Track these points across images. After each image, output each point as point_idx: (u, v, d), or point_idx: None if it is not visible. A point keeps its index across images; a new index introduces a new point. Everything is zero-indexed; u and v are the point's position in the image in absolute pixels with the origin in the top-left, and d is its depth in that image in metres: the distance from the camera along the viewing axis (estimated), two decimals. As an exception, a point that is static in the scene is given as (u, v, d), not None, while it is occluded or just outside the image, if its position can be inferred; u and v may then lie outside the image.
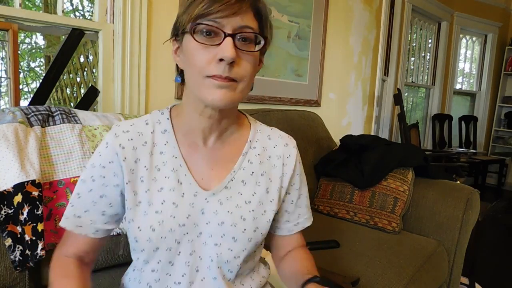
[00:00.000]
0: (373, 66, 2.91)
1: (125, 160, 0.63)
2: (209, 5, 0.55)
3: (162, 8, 1.55)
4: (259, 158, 0.71)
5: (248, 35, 0.58)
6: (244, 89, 0.61)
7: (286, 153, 0.73)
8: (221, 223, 0.65)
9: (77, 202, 0.66)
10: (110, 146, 0.64)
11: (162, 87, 1.60)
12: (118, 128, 0.66)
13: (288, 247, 0.78)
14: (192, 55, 0.58)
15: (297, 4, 2.16)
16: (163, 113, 0.70)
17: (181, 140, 0.67)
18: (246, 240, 0.66)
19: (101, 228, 0.67)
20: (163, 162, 0.66)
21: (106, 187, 0.65)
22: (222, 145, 0.69)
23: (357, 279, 1.09)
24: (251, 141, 0.72)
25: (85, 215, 0.66)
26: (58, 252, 0.68)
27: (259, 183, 0.70)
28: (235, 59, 0.56)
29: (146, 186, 0.64)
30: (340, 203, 1.62)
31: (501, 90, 4.80)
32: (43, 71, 3.63)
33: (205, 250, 0.65)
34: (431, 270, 1.31)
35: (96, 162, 0.65)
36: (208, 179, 0.67)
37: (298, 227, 0.77)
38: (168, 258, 0.64)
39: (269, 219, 0.69)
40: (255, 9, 0.60)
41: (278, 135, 0.75)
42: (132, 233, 0.64)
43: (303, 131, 1.79)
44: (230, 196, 0.67)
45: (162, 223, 0.62)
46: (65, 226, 0.66)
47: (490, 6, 4.51)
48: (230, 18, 0.56)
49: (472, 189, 1.52)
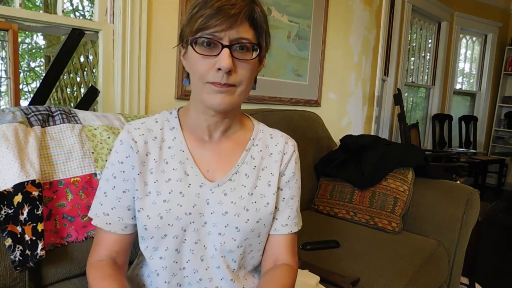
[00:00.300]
0: (373, 66, 2.91)
1: (138, 153, 0.69)
2: (207, 20, 0.60)
3: (162, 8, 1.55)
4: (261, 154, 0.76)
5: (244, 44, 0.63)
6: (243, 92, 0.66)
7: (285, 149, 0.77)
8: (225, 213, 0.69)
9: (105, 200, 0.71)
10: (124, 142, 0.70)
11: (162, 87, 1.60)
12: (130, 126, 0.72)
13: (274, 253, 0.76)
14: (194, 64, 0.64)
15: (297, 4, 2.16)
16: (171, 112, 0.76)
17: (188, 136, 0.73)
18: (248, 230, 0.70)
19: (129, 223, 0.71)
20: (171, 155, 0.71)
21: (127, 181, 0.70)
22: (226, 140, 0.74)
23: (357, 279, 1.09)
24: (254, 139, 0.77)
25: (113, 212, 0.70)
26: (91, 259, 0.71)
27: (260, 177, 0.74)
28: (231, 68, 0.61)
29: (155, 177, 0.69)
30: (340, 203, 1.62)
31: (501, 90, 4.80)
32: (43, 71, 3.64)
33: (209, 239, 0.69)
34: (431, 270, 1.31)
35: (115, 160, 0.70)
36: (213, 171, 0.72)
37: (285, 229, 0.76)
38: (175, 246, 0.68)
39: (271, 211, 0.73)
40: (251, 20, 0.64)
41: (280, 135, 0.80)
42: (141, 221, 0.68)
43: (303, 131, 1.79)
44: (234, 188, 0.71)
45: (169, 211, 0.67)
46: (96, 224, 0.70)
47: (490, 6, 4.51)
48: (226, 31, 0.61)
49: (472, 189, 1.52)
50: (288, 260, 0.76)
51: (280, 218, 0.76)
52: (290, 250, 0.77)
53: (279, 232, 0.76)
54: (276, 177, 0.75)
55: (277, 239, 0.76)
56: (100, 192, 0.71)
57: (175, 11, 1.59)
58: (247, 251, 0.73)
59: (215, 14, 0.60)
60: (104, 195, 0.71)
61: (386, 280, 1.12)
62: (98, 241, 0.71)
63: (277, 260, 0.76)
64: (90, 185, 0.99)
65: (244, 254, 0.72)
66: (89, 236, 0.96)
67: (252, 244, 0.73)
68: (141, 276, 0.75)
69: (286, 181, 0.77)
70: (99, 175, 1.01)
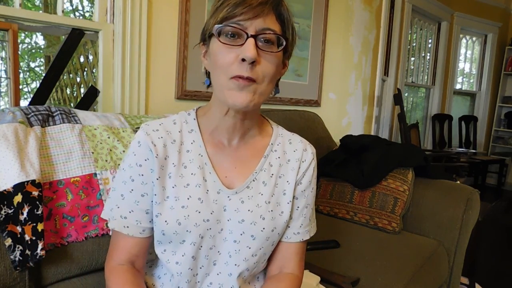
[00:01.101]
0: (373, 66, 2.91)
1: (157, 157, 0.67)
2: (233, 8, 0.59)
3: (162, 8, 1.55)
4: (279, 161, 0.74)
5: (270, 36, 0.61)
6: (265, 92, 0.63)
7: (303, 157, 0.75)
8: (242, 221, 0.68)
9: (122, 203, 0.68)
10: (143, 144, 0.67)
11: (162, 87, 1.60)
12: (148, 127, 0.69)
13: (282, 259, 0.76)
14: (217, 56, 0.61)
15: (297, 4, 2.16)
16: (190, 113, 0.73)
17: (207, 139, 0.71)
18: (263, 239, 0.69)
19: (146, 227, 0.69)
20: (190, 160, 0.69)
21: (146, 185, 0.67)
22: (245, 145, 0.72)
23: (357, 279, 1.09)
24: (273, 145, 0.75)
25: (131, 216, 0.68)
26: (111, 262, 0.69)
27: (277, 184, 0.72)
28: (256, 58, 0.59)
29: (173, 182, 0.67)
30: (340, 203, 1.62)
31: (501, 90, 4.80)
32: (43, 71, 3.63)
33: (224, 246, 0.68)
34: (431, 270, 1.31)
35: (133, 162, 0.67)
36: (231, 177, 0.70)
37: (297, 237, 0.75)
38: (192, 253, 0.67)
39: (286, 220, 0.72)
40: (277, 12, 0.63)
41: (299, 140, 0.77)
42: (159, 226, 0.66)
43: (303, 131, 1.79)
44: (251, 196, 0.69)
45: (187, 217, 0.65)
46: (113, 227, 0.68)
47: (490, 6, 4.51)
48: (252, 20, 0.59)
49: (472, 189, 1.52)
50: (294, 269, 0.75)
51: (293, 226, 0.74)
52: (299, 258, 0.76)
53: (291, 240, 0.75)
54: (292, 186, 0.73)
55: (287, 246, 0.75)
56: (116, 194, 0.69)
57: (175, 11, 1.59)
58: (261, 260, 0.72)
59: (241, 2, 0.58)
60: (122, 197, 0.68)
61: (386, 280, 1.12)
62: (116, 244, 0.69)
63: (284, 267, 0.75)
64: (90, 185, 0.99)
65: (257, 264, 0.71)
66: (89, 236, 0.96)
67: (266, 254, 0.72)
68: (151, 276, 0.75)
69: (302, 190, 0.74)
70: (99, 175, 1.01)
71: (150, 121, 0.70)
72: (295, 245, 0.75)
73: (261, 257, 0.71)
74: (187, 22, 1.61)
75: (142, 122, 1.20)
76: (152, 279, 0.74)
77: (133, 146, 0.68)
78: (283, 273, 0.75)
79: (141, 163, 0.67)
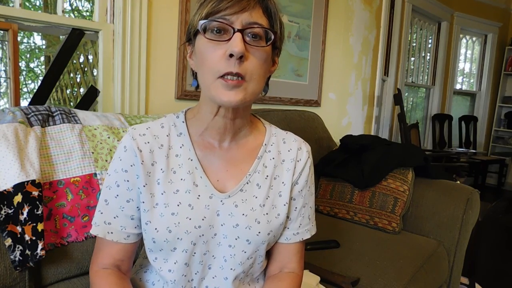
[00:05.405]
0: (373, 66, 2.91)
1: (143, 163, 0.64)
2: (217, 3, 0.57)
3: (162, 8, 1.55)
4: (273, 162, 0.71)
5: (258, 31, 0.58)
6: (255, 89, 0.60)
7: (298, 156, 0.73)
8: (236, 225, 0.66)
9: (106, 209, 0.66)
10: (128, 149, 0.64)
11: (162, 87, 1.60)
12: (134, 131, 0.66)
13: (283, 260, 0.75)
14: (203, 53, 0.59)
15: (297, 4, 2.16)
16: (178, 116, 0.70)
17: (196, 142, 0.68)
18: (259, 243, 0.67)
19: (131, 232, 0.67)
20: (179, 164, 0.66)
21: (131, 191, 0.65)
22: (236, 146, 0.69)
23: (357, 279, 1.09)
24: (266, 145, 0.72)
25: (115, 221, 0.66)
26: (95, 266, 0.68)
27: (272, 186, 0.70)
28: (244, 53, 0.56)
29: (162, 188, 0.65)
30: (340, 203, 1.62)
31: (501, 90, 4.80)
32: (43, 71, 3.64)
33: (219, 250, 0.67)
34: (431, 270, 1.31)
35: (118, 167, 0.65)
36: (223, 180, 0.68)
37: (296, 237, 0.74)
38: (184, 260, 0.65)
39: (282, 222, 0.70)
40: (264, 6, 0.60)
41: (293, 139, 0.75)
42: (149, 234, 0.64)
43: (303, 131, 1.79)
44: (245, 199, 0.67)
45: (178, 224, 0.63)
46: (97, 233, 0.66)
47: (490, 6, 4.51)
48: (238, 14, 0.57)
49: (472, 189, 1.52)
50: (294, 267, 0.75)
51: (292, 227, 0.73)
52: (299, 257, 0.75)
53: (290, 241, 0.73)
54: (288, 187, 0.71)
55: (287, 248, 0.74)
56: (101, 200, 0.67)
57: (175, 11, 1.59)
58: (257, 261, 0.70)
59: None
60: (105, 203, 0.66)
61: (386, 280, 1.12)
62: (100, 249, 0.67)
63: (284, 267, 0.75)
64: (90, 185, 0.99)
65: (253, 265, 0.70)
66: (89, 236, 0.96)
67: (262, 256, 0.70)
68: (145, 282, 0.73)
69: (299, 191, 0.72)
70: (99, 175, 1.01)
71: (137, 125, 0.68)
72: (295, 245, 0.75)
73: (257, 258, 0.70)
74: (187, 22, 1.61)
75: (142, 122, 1.20)
76: (146, 285, 0.72)
77: (119, 150, 0.66)
78: (284, 273, 0.74)
79: (127, 168, 0.64)
